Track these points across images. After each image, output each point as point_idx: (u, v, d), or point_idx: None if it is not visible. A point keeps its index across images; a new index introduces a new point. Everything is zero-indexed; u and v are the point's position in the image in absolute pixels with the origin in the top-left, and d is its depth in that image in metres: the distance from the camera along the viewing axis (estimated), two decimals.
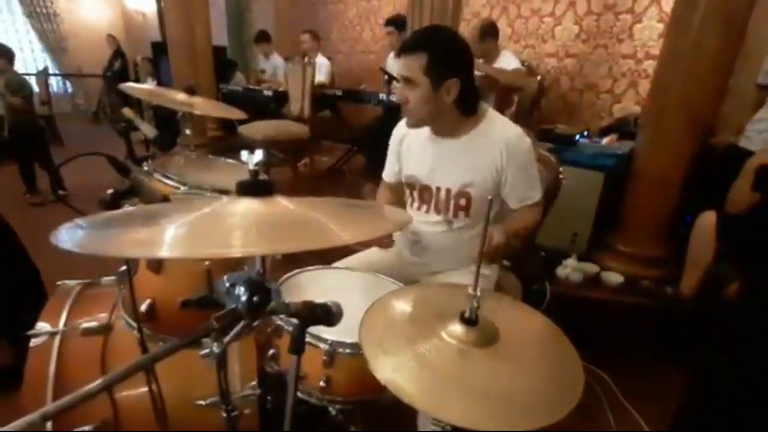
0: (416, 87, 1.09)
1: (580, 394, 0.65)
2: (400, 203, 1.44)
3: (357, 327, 0.73)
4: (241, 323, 0.51)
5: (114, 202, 0.68)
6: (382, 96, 3.17)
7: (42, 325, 0.98)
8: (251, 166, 0.50)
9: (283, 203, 0.51)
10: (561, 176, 1.60)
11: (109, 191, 0.68)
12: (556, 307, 1.73)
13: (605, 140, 2.35)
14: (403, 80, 1.11)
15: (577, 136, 2.28)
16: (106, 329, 0.99)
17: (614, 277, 2.04)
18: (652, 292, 1.99)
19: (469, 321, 0.70)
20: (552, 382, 0.69)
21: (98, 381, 0.45)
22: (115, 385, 0.45)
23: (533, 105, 3.13)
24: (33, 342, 0.96)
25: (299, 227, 0.51)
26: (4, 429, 0.40)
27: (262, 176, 0.57)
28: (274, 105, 3.90)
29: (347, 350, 0.86)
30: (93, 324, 0.99)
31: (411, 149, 1.30)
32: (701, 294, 1.83)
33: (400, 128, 1.35)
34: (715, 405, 1.06)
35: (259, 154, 0.49)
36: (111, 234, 0.46)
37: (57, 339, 0.96)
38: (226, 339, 0.51)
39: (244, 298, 0.47)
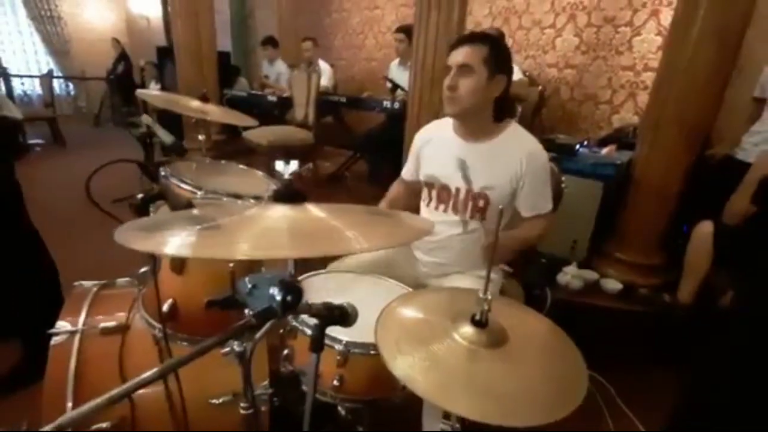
0: (472, 74, 1.18)
1: (583, 394, 0.69)
2: (410, 199, 1.51)
3: (365, 328, 0.76)
4: (270, 322, 0.55)
5: (144, 206, 0.71)
6: (386, 103, 3.22)
7: (62, 324, 1.01)
8: (286, 176, 0.53)
9: (313, 210, 0.55)
10: (563, 185, 1.65)
11: (140, 196, 0.72)
12: (556, 312, 1.77)
13: (605, 150, 2.40)
14: (460, 68, 1.18)
15: (578, 146, 2.33)
16: (123, 329, 1.02)
17: (613, 285, 2.08)
18: (649, 300, 2.03)
19: (480, 323, 0.74)
20: (556, 382, 0.72)
21: (137, 378, 0.47)
22: (152, 382, 0.48)
23: (534, 114, 3.19)
24: (54, 340, 0.99)
25: (326, 234, 0.54)
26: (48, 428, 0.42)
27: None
28: (277, 111, 3.95)
29: (360, 350, 0.89)
30: (111, 323, 1.02)
31: (433, 151, 1.37)
32: (698, 302, 1.87)
33: (425, 133, 1.43)
34: (710, 410, 1.10)
35: (294, 164, 0.53)
36: (161, 235, 0.49)
37: (77, 338, 0.99)
38: (258, 336, 0.55)
39: (278, 298, 0.50)
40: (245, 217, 0.53)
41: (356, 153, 3.77)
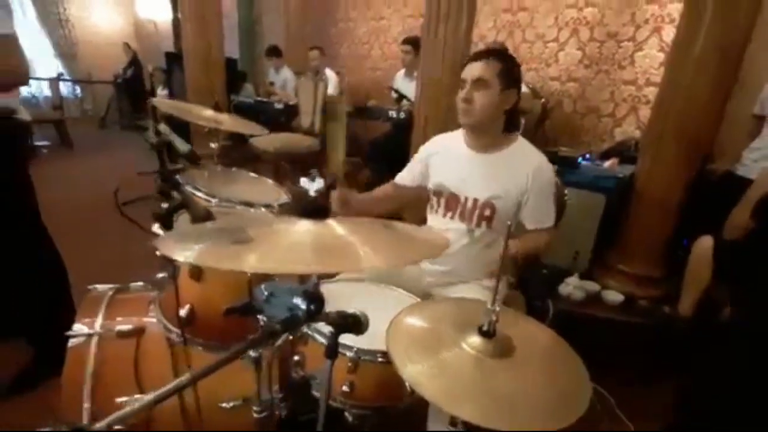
0: (487, 88, 1.24)
1: (586, 404, 0.72)
2: (394, 204, 1.57)
3: (374, 335, 0.78)
4: (293, 329, 0.58)
5: (168, 216, 0.75)
6: (392, 113, 3.27)
7: (79, 327, 1.04)
8: (312, 193, 0.57)
9: (334, 225, 0.58)
10: (566, 198, 1.68)
11: (164, 206, 0.75)
12: (558, 323, 1.80)
13: (607, 163, 2.44)
14: (475, 82, 1.24)
15: (580, 159, 2.37)
16: (139, 332, 1.05)
17: (614, 296, 2.11)
18: (650, 312, 2.06)
19: (487, 333, 0.77)
20: (560, 391, 0.75)
21: (177, 381, 0.50)
22: (190, 385, 0.51)
23: (537, 127, 3.23)
24: (71, 342, 1.02)
25: (344, 250, 0.58)
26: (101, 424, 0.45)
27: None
28: (284, 118, 4.00)
29: (370, 358, 0.92)
30: (127, 327, 1.05)
31: (443, 161, 1.41)
32: (698, 314, 1.89)
33: (434, 144, 1.48)
34: (709, 416, 1.12)
35: (319, 182, 0.56)
36: (207, 247, 0.52)
37: (94, 340, 1.02)
38: (279, 342, 0.57)
39: (303, 307, 0.54)
40: (273, 230, 0.56)
41: (360, 161, 3.82)
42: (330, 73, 4.15)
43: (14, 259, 1.61)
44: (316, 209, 0.58)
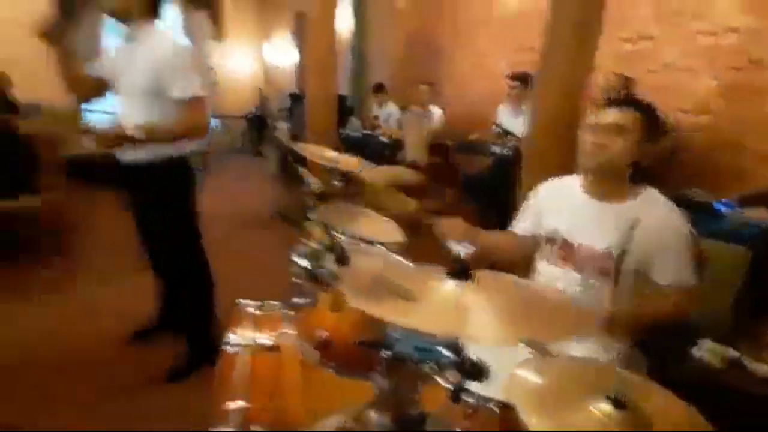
0: (626, 135, 1.22)
1: None
2: (516, 253, 1.54)
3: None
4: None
5: (319, 254, 0.89)
6: (495, 149, 3.28)
7: (233, 337, 1.24)
8: (462, 256, 0.64)
9: (477, 291, 0.64)
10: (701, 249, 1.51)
11: (312, 244, 0.89)
12: (688, 392, 1.59)
13: (753, 211, 2.13)
14: (611, 127, 1.23)
15: (718, 205, 2.11)
16: (277, 348, 1.22)
17: (763, 367, 1.80)
18: None
19: (618, 403, 0.74)
20: None
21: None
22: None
23: (667, 164, 2.93)
24: (225, 349, 1.22)
25: (489, 318, 0.63)
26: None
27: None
28: (388, 151, 4.25)
29: (488, 404, 0.94)
30: (269, 342, 1.22)
31: (558, 207, 1.40)
32: None
33: (548, 189, 1.47)
34: None
35: (466, 247, 0.63)
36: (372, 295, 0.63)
37: (244, 350, 1.20)
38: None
39: (452, 356, 0.61)
40: (425, 286, 0.64)
41: (462, 194, 3.86)
42: (435, 109, 4.32)
43: (182, 267, 2.00)
44: (460, 271, 0.65)
